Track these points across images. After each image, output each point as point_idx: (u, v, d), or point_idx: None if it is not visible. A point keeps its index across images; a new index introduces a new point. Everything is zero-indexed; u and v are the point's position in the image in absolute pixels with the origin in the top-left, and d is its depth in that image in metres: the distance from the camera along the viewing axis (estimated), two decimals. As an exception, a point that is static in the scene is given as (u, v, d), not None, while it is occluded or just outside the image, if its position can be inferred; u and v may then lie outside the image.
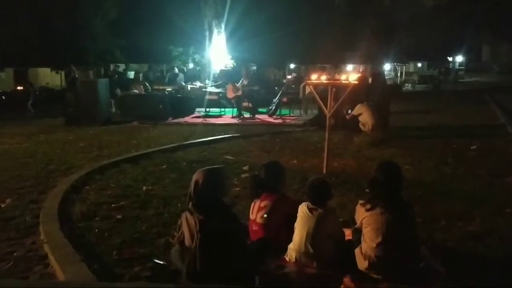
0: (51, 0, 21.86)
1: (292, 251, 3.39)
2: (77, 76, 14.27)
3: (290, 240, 3.45)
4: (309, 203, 3.40)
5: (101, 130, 11.34)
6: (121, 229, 4.27)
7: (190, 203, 3.01)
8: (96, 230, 4.26)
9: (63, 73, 27.60)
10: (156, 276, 3.32)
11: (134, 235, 4.09)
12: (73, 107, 12.85)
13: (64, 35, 21.94)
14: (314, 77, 6.60)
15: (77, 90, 13.05)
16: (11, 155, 8.24)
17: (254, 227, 3.59)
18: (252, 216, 3.64)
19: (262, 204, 3.59)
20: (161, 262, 3.46)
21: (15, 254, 3.87)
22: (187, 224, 2.98)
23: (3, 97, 25.51)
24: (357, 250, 3.25)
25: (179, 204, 4.85)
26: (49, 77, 31.91)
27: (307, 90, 13.02)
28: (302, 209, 3.40)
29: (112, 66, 21.79)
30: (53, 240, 3.96)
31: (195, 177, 3.04)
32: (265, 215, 3.53)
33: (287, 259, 3.42)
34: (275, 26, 22.26)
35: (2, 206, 5.17)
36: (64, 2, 21.85)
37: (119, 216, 4.65)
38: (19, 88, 28.98)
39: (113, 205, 5.02)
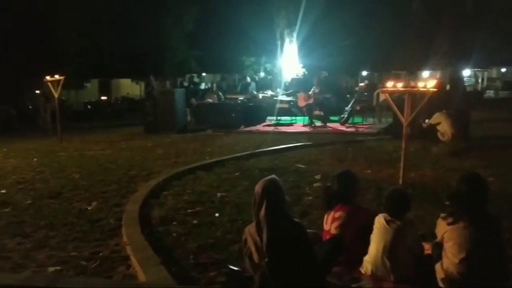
0: (133, 14, 23.19)
1: (368, 263, 3.30)
2: (155, 86, 15.02)
3: (365, 252, 3.37)
4: (386, 215, 3.30)
5: (178, 138, 11.80)
6: (197, 234, 4.39)
7: (257, 217, 2.96)
8: (174, 234, 4.42)
9: (142, 83, 29.22)
10: (231, 282, 3.38)
11: (209, 241, 4.20)
12: (151, 116, 13.52)
13: (144, 48, 23.19)
14: (389, 84, 6.42)
15: (156, 100, 13.73)
16: (96, 161, 8.80)
17: (329, 238, 3.54)
18: (326, 227, 3.60)
19: (337, 215, 3.54)
20: (236, 269, 3.51)
21: (100, 254, 4.12)
22: (252, 239, 2.96)
23: (89, 106, 27.47)
24: (437, 266, 3.11)
25: (252, 212, 4.90)
26: (129, 87, 33.88)
27: (381, 97, 12.69)
28: (379, 220, 3.30)
29: (187, 77, 22.66)
30: (134, 242, 4.16)
31: (258, 188, 2.97)
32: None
33: (363, 271, 3.34)
34: (348, 33, 21.99)
35: (89, 208, 5.54)
36: (145, 16, 23.10)
37: (195, 221, 4.79)
38: (103, 98, 31.05)
39: (189, 210, 5.19)
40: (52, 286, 1.40)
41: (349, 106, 13.46)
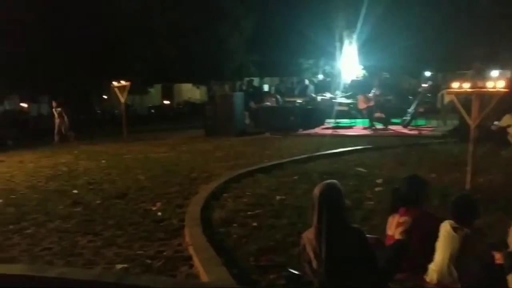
0: (192, 21, 23.79)
1: (434, 272, 3.18)
2: (216, 90, 15.35)
3: (430, 259, 3.25)
4: (452, 222, 3.16)
5: (237, 141, 11.98)
6: (257, 237, 4.44)
7: (315, 223, 2.87)
8: (234, 236, 4.50)
9: (202, 87, 29.89)
10: (291, 286, 3.38)
11: (270, 243, 4.23)
12: (211, 119, 13.83)
13: (204, 53, 23.76)
14: (455, 85, 6.15)
15: (216, 104, 14.02)
16: (159, 163, 9.13)
17: (392, 243, 3.45)
18: (389, 232, 3.51)
19: (401, 220, 3.44)
20: (296, 272, 3.51)
21: (164, 253, 4.27)
22: (311, 245, 2.90)
23: (152, 111, 28.51)
24: (510, 277, 2.94)
25: (310, 217, 4.87)
26: (190, 91, 34.78)
27: (446, 99, 12.18)
28: (445, 228, 3.17)
29: (246, 80, 22.92)
30: (196, 243, 4.28)
31: (316, 192, 2.88)
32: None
33: (428, 279, 3.22)
34: (410, 33, 21.24)
35: (153, 209, 5.76)
36: (204, 22, 23.65)
37: (255, 224, 4.85)
38: (165, 102, 32.10)
39: (249, 213, 5.26)
40: (120, 282, 1.48)
41: (412, 108, 13.05)
